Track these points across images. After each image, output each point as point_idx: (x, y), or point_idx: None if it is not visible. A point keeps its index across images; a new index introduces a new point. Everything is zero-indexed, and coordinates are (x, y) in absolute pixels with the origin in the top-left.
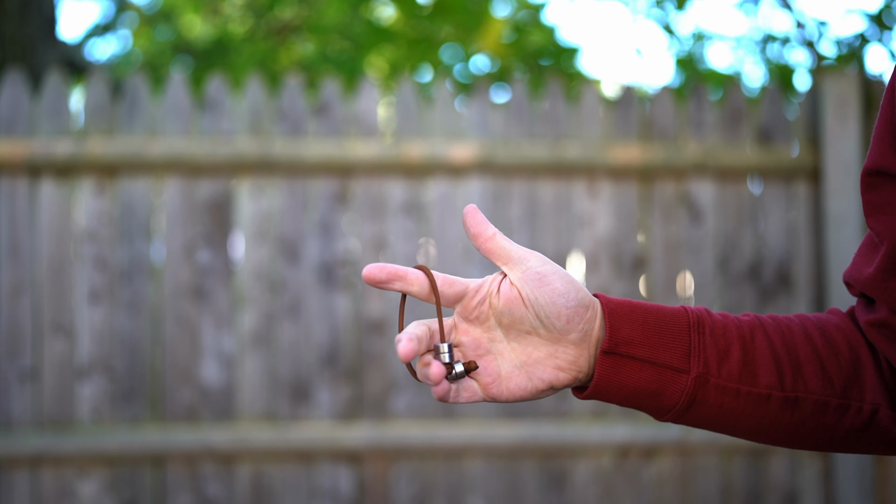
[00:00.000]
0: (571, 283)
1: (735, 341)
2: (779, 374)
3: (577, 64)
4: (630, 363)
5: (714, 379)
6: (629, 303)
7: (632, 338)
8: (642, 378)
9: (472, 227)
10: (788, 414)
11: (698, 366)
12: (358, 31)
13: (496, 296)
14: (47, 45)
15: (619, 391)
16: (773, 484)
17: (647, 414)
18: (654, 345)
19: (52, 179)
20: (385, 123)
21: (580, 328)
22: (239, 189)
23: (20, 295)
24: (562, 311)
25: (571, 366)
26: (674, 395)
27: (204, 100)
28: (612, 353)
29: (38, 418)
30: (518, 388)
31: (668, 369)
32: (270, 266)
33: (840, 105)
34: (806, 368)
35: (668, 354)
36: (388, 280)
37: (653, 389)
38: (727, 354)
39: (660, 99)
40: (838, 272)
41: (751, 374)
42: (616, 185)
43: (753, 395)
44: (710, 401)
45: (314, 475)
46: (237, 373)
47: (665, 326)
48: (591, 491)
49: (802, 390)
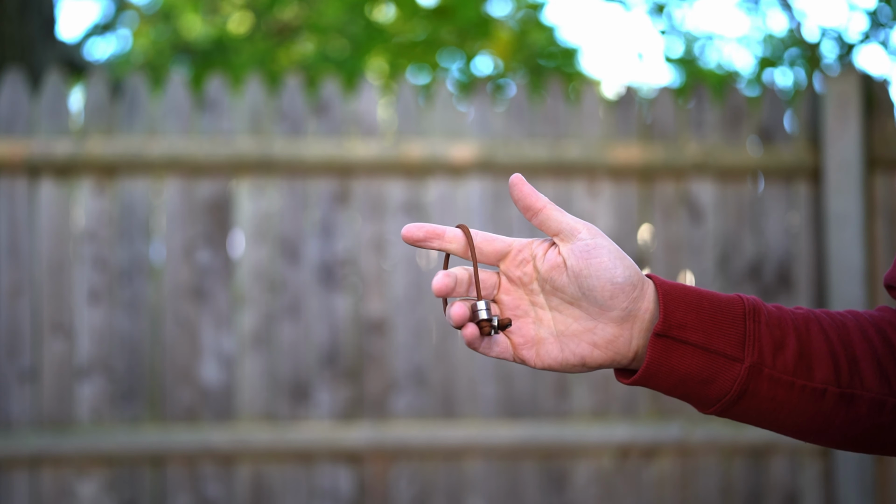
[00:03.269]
0: (621, 259)
1: (791, 333)
2: (835, 369)
3: (578, 64)
4: (682, 348)
5: (768, 370)
6: (683, 286)
7: (685, 322)
8: (694, 364)
9: (522, 199)
10: (843, 412)
11: (752, 355)
12: (358, 32)
13: (541, 259)
14: (47, 45)
15: (668, 376)
16: (774, 484)
17: (691, 404)
18: (708, 330)
19: (52, 179)
20: (385, 123)
21: (623, 306)
22: (239, 189)
23: (20, 295)
24: (606, 286)
25: (608, 345)
26: (725, 384)
27: (204, 99)
28: (664, 337)
29: (38, 418)
30: (548, 356)
31: (721, 356)
32: (270, 266)
33: (840, 105)
34: (863, 365)
35: (723, 341)
36: (426, 238)
37: (704, 377)
38: (783, 346)
39: (660, 99)
40: (839, 272)
41: (806, 367)
42: (616, 185)
43: (808, 390)
44: (762, 393)
45: (314, 475)
46: (237, 373)
47: (720, 312)
48: (592, 491)
49: (859, 387)
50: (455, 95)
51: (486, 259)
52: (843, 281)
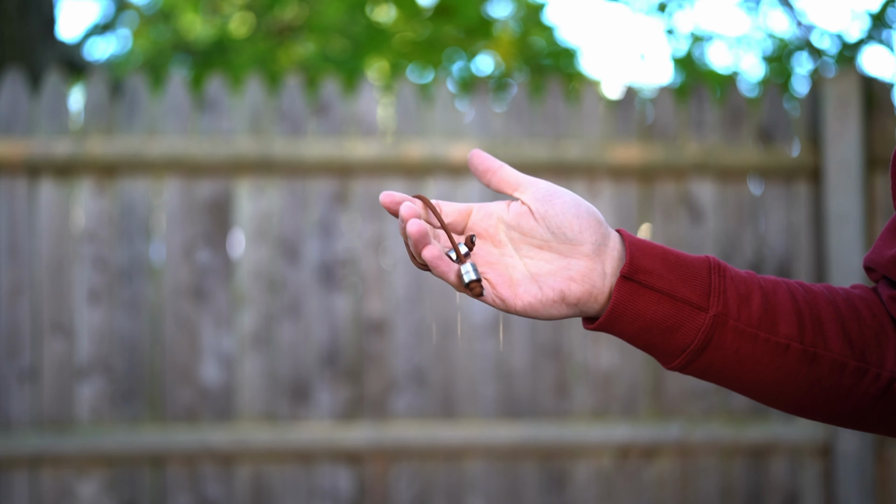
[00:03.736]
0: (582, 200)
1: (756, 289)
2: (799, 326)
3: (578, 64)
4: (648, 293)
5: (733, 321)
6: (649, 241)
7: (652, 268)
8: (659, 311)
9: (480, 163)
10: (805, 369)
11: (718, 305)
12: (358, 32)
13: (506, 210)
14: (46, 45)
15: (634, 321)
16: (774, 484)
17: (655, 357)
18: (673, 279)
19: (52, 179)
20: (385, 123)
21: (593, 240)
22: (239, 189)
23: (19, 295)
24: (573, 221)
25: (584, 278)
26: (689, 333)
27: (204, 99)
28: (630, 280)
29: (38, 418)
30: (528, 294)
31: (686, 305)
32: (270, 266)
33: (841, 104)
34: (827, 327)
35: (688, 290)
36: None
37: (669, 324)
38: (748, 299)
39: (660, 99)
40: (839, 272)
41: (771, 321)
42: (616, 184)
43: (772, 343)
44: (727, 344)
45: (314, 475)
46: (237, 373)
47: (685, 265)
48: (592, 491)
49: (822, 347)
50: (455, 95)
51: (452, 219)
52: (843, 281)
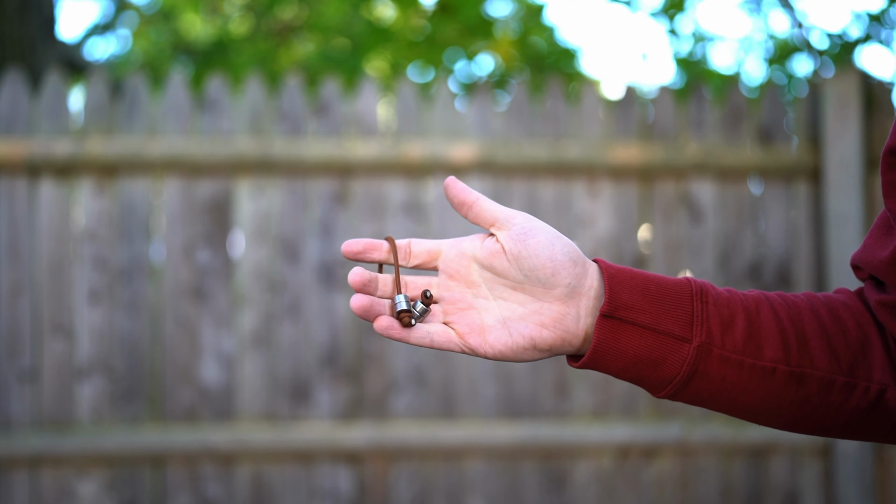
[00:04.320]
0: (557, 237)
1: (740, 312)
2: (784, 347)
3: (578, 64)
4: (630, 329)
5: (717, 350)
6: (630, 270)
7: (632, 303)
8: (642, 345)
9: (456, 195)
10: (793, 390)
11: (701, 335)
12: (358, 31)
13: (479, 248)
14: (46, 45)
15: (617, 358)
16: (774, 484)
17: (643, 388)
18: (655, 311)
19: (52, 179)
20: (385, 123)
21: (566, 282)
22: (239, 189)
23: (20, 295)
24: (546, 264)
25: (556, 324)
26: (675, 365)
27: (204, 99)
28: (611, 318)
29: (38, 418)
30: (497, 342)
31: (669, 337)
32: (270, 266)
33: (840, 105)
34: (813, 344)
35: (670, 322)
36: (365, 250)
37: (653, 358)
38: (731, 325)
39: (660, 99)
40: (839, 272)
41: (755, 346)
42: (616, 185)
43: (758, 368)
44: (713, 373)
45: (314, 475)
46: (237, 373)
47: (667, 294)
48: (592, 491)
49: (808, 366)
50: (455, 95)
51: (423, 260)
52: (843, 281)
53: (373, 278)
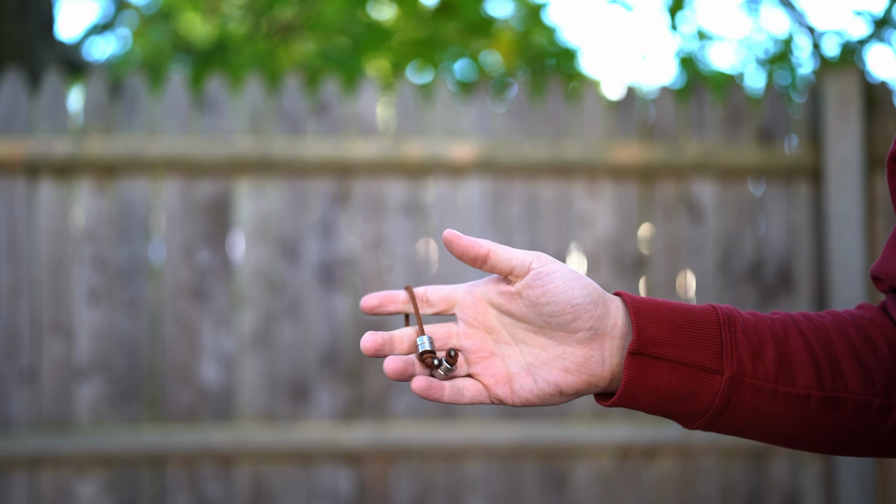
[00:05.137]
0: (576, 279)
1: (769, 339)
2: (817, 373)
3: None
4: (659, 364)
5: (749, 379)
6: (655, 301)
7: (660, 337)
8: (673, 380)
9: (466, 251)
10: (828, 416)
11: (732, 366)
12: (358, 31)
13: (495, 293)
14: (46, 45)
15: (648, 395)
16: (774, 485)
17: (676, 422)
18: (684, 344)
19: (51, 179)
20: (385, 123)
21: (588, 326)
22: (238, 189)
23: (19, 295)
24: (566, 309)
25: (581, 368)
26: (707, 398)
27: (203, 99)
28: (640, 355)
29: (37, 419)
30: (523, 390)
31: (700, 370)
32: (270, 266)
33: (841, 105)
34: (845, 367)
35: (700, 354)
36: (381, 304)
37: (684, 392)
38: (761, 353)
39: (660, 99)
40: (840, 272)
41: (787, 373)
42: (616, 184)
43: (791, 396)
44: (745, 403)
45: (314, 476)
46: (236, 373)
47: (694, 325)
48: (592, 492)
49: (843, 390)
50: (455, 95)
51: (440, 308)
52: (843, 281)
53: (386, 340)
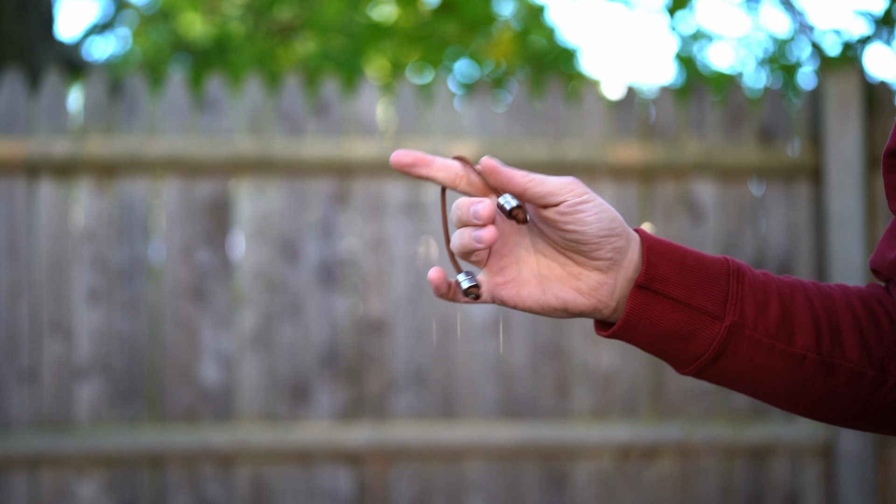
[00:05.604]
0: (605, 212)
1: (774, 297)
2: (817, 336)
3: (578, 64)
4: (663, 301)
5: (749, 331)
6: (669, 243)
7: (668, 276)
8: (674, 319)
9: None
10: (821, 379)
11: (734, 314)
12: (358, 31)
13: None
14: (45, 45)
15: (647, 330)
16: (775, 485)
17: (667, 362)
18: (690, 286)
19: (51, 179)
20: (385, 123)
21: (609, 256)
22: (238, 189)
23: (18, 295)
24: (592, 240)
25: (592, 292)
26: (703, 342)
27: (203, 99)
28: (645, 289)
29: (37, 419)
30: (530, 298)
31: (701, 313)
32: (270, 266)
33: (842, 104)
34: (845, 336)
35: (704, 299)
36: (413, 164)
37: (683, 333)
38: (765, 308)
39: (661, 98)
40: (840, 272)
41: (788, 332)
42: (617, 184)
43: (788, 354)
44: (741, 354)
45: (314, 476)
46: (236, 373)
47: (703, 270)
48: (592, 492)
49: (839, 357)
50: (455, 95)
51: (481, 191)
52: (844, 280)
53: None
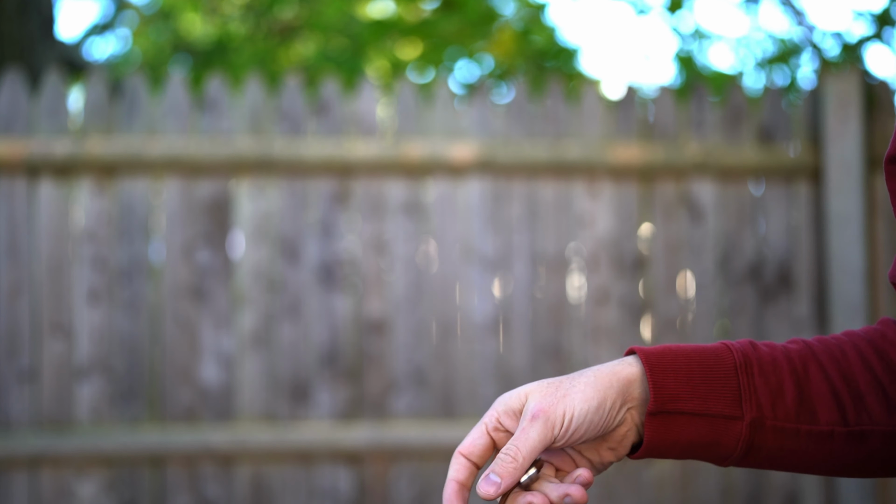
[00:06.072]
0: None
1: (787, 377)
2: (839, 408)
3: (578, 64)
4: (679, 419)
5: (770, 421)
6: (668, 351)
7: (678, 393)
8: (694, 432)
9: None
10: (855, 449)
11: (752, 410)
12: (358, 31)
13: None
14: (46, 45)
15: (672, 448)
16: (774, 485)
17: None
18: (702, 395)
19: (51, 179)
20: (385, 123)
21: (620, 417)
22: (238, 189)
23: (19, 295)
24: (598, 426)
25: (621, 441)
26: (730, 444)
27: (203, 99)
28: (659, 413)
29: (37, 419)
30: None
31: (720, 418)
32: (270, 266)
33: (841, 105)
34: (869, 400)
35: (719, 403)
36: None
37: (707, 441)
38: (781, 393)
39: (660, 99)
40: (840, 272)
41: (809, 411)
42: (616, 184)
43: (815, 434)
44: (769, 444)
45: (314, 476)
46: (236, 373)
47: (710, 371)
48: (591, 492)
49: (867, 423)
50: (455, 95)
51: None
52: (843, 281)
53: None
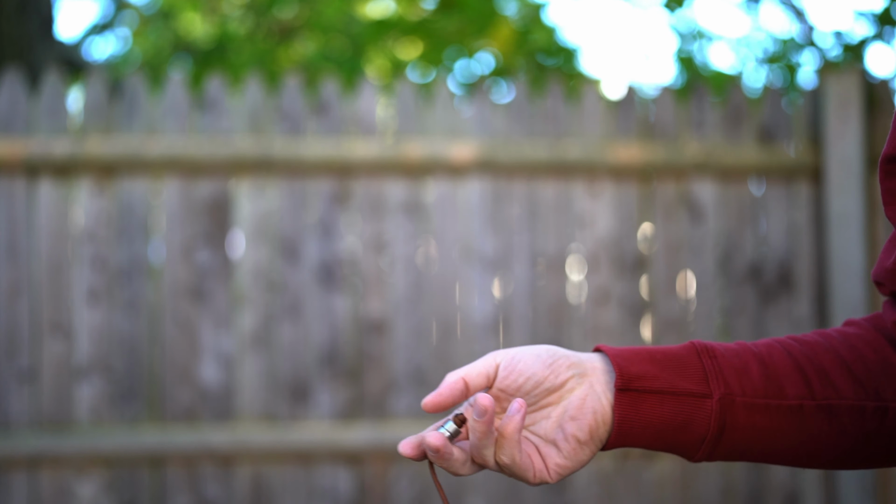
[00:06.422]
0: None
1: (751, 358)
2: (806, 383)
3: (578, 64)
4: (648, 397)
5: (739, 398)
6: (631, 347)
7: (643, 372)
8: (665, 411)
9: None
10: (826, 424)
11: (720, 387)
12: (358, 31)
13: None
14: (45, 44)
15: (644, 430)
16: (775, 485)
17: (678, 455)
18: (668, 375)
19: (51, 179)
20: (385, 123)
21: (568, 373)
22: (238, 189)
23: (18, 295)
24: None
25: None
26: (702, 423)
27: (203, 99)
28: (627, 391)
29: (37, 419)
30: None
31: (689, 396)
32: (270, 266)
33: (842, 104)
34: (834, 375)
35: (686, 381)
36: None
37: (679, 421)
38: (746, 371)
39: (661, 98)
40: (840, 272)
41: (776, 386)
42: (617, 184)
43: (784, 408)
44: (741, 422)
45: (314, 476)
46: (236, 373)
47: (673, 358)
48: (592, 492)
49: (835, 397)
50: (455, 95)
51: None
52: (844, 281)
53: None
